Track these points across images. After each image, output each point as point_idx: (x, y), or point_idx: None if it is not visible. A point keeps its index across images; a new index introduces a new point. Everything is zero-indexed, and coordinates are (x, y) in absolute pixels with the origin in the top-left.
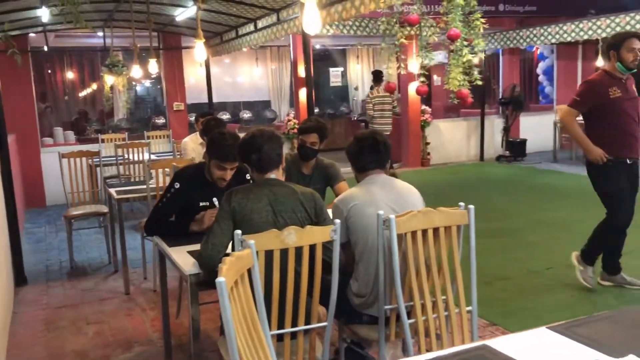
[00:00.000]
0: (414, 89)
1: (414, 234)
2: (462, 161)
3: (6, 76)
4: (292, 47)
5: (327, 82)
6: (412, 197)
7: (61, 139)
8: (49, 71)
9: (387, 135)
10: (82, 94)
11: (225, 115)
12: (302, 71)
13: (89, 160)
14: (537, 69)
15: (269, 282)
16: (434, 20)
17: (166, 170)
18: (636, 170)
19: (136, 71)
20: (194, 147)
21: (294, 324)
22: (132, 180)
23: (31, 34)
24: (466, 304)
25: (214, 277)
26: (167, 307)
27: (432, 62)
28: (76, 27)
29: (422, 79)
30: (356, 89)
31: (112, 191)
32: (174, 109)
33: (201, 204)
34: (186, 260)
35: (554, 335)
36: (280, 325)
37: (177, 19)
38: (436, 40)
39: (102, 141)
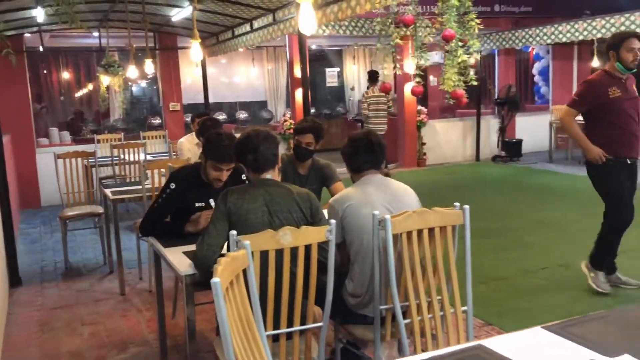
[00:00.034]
0: (410, 89)
1: (409, 234)
2: (458, 161)
3: (1, 76)
4: (288, 48)
5: (324, 83)
6: (407, 197)
7: (57, 139)
8: (45, 71)
9: (382, 135)
10: (78, 94)
11: (221, 115)
12: (298, 71)
13: (85, 160)
14: (533, 70)
15: (264, 282)
16: (430, 20)
17: (162, 170)
18: (635, 169)
19: (132, 71)
20: (190, 148)
21: (290, 324)
22: (127, 180)
23: (26, 34)
24: (461, 303)
25: (209, 277)
26: (162, 307)
27: (427, 63)
28: (71, 28)
29: (417, 80)
30: (352, 89)
31: (108, 192)
32: (170, 110)
33: (197, 204)
34: (181, 260)
35: (549, 334)
36: (275, 325)
37: (173, 19)
38: (431, 40)
39: (98, 141)
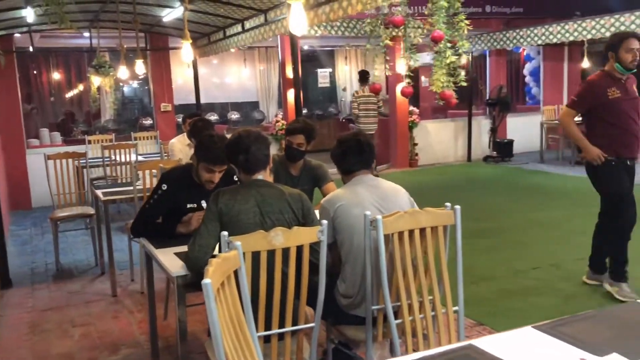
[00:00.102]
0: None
1: (400, 234)
2: (449, 162)
3: None
4: (280, 48)
5: (316, 83)
6: (398, 197)
7: (47, 140)
8: (35, 72)
9: (372, 134)
10: (68, 95)
11: (213, 116)
12: (290, 72)
13: (76, 161)
14: (524, 70)
15: (255, 283)
16: (421, 21)
17: (153, 171)
18: (634, 170)
19: (123, 72)
20: (182, 148)
21: (281, 325)
22: (119, 181)
23: (16, 35)
24: (453, 303)
25: (201, 278)
26: (154, 309)
27: (417, 64)
28: (61, 28)
29: (407, 80)
30: (344, 89)
31: (99, 193)
32: (162, 110)
33: (189, 205)
34: (173, 262)
35: (539, 334)
36: (267, 326)
37: (164, 19)
38: (420, 41)
39: (89, 142)
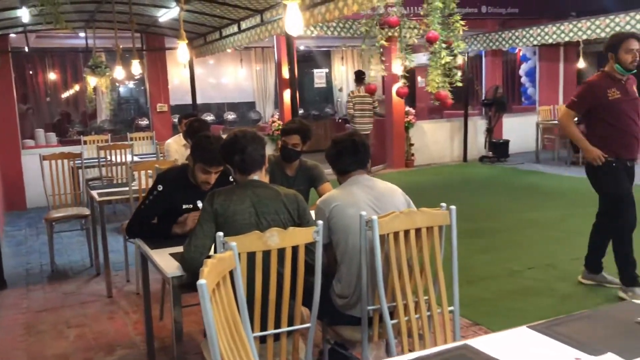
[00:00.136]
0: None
1: (396, 234)
2: (445, 162)
3: None
4: (276, 49)
5: (312, 84)
6: (393, 197)
7: (42, 140)
8: (31, 72)
9: (367, 134)
10: (64, 95)
11: (209, 116)
12: (286, 72)
13: (71, 162)
14: (520, 71)
15: (251, 284)
16: (417, 22)
17: (149, 172)
18: (634, 171)
19: (119, 72)
20: (177, 149)
21: (277, 325)
22: (114, 182)
23: (12, 35)
24: (448, 304)
25: (196, 279)
26: (149, 309)
27: (412, 64)
28: (56, 28)
29: (402, 81)
30: (340, 90)
31: (94, 193)
32: (158, 111)
33: (184, 206)
34: (168, 262)
35: (534, 334)
36: (263, 327)
37: (160, 19)
38: (416, 42)
39: (85, 143)
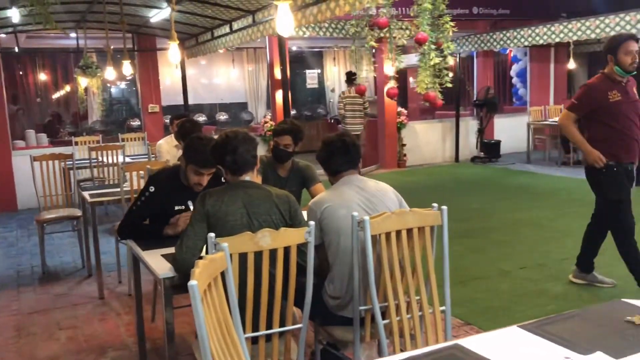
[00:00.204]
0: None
1: (388, 235)
2: (437, 162)
3: None
4: (268, 49)
5: (304, 84)
6: (385, 197)
7: (33, 141)
8: (21, 72)
9: (358, 135)
10: (55, 95)
11: (201, 117)
12: (278, 73)
13: (62, 163)
14: (511, 71)
15: (243, 284)
16: (409, 22)
17: (141, 172)
18: (634, 174)
19: (110, 73)
20: (169, 150)
21: (269, 326)
22: (106, 183)
23: (1, 35)
24: (440, 303)
25: (188, 280)
26: (141, 311)
27: (401, 65)
28: (46, 28)
29: (392, 82)
30: (332, 90)
31: (86, 194)
32: (149, 111)
33: (176, 207)
34: (160, 263)
35: (524, 333)
36: (255, 327)
37: (151, 20)
38: (406, 43)
39: (76, 144)
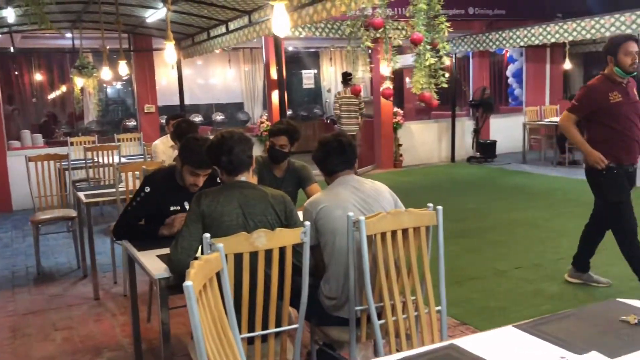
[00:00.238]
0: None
1: (383, 235)
2: (433, 162)
3: None
4: (264, 49)
5: (300, 84)
6: (381, 197)
7: (29, 142)
8: (16, 73)
9: (353, 135)
10: (50, 96)
11: (197, 117)
12: (274, 73)
13: (57, 163)
14: (507, 72)
15: (238, 285)
16: (405, 23)
17: (136, 173)
18: (635, 176)
19: (106, 73)
20: (165, 150)
21: (265, 326)
22: (101, 183)
23: None
24: (435, 304)
25: (183, 280)
26: (137, 311)
27: (397, 65)
28: (42, 28)
29: (387, 82)
30: (329, 91)
31: (81, 195)
32: (145, 111)
33: (172, 208)
34: (155, 264)
35: (520, 333)
36: (250, 328)
37: (147, 20)
38: (401, 43)
39: (71, 144)
